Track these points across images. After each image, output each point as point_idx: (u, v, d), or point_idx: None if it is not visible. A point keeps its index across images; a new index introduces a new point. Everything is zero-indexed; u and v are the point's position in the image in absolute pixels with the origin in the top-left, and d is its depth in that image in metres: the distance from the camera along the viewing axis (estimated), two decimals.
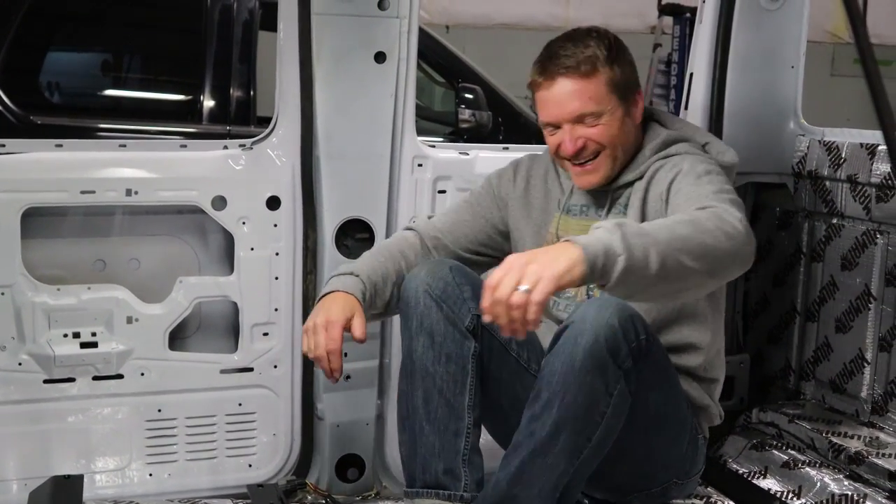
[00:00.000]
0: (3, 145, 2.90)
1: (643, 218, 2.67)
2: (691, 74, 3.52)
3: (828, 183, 3.56)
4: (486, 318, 2.20)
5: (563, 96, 2.67)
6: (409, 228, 2.98)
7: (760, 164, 3.66)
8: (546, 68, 2.69)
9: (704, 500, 3.17)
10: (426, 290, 2.65)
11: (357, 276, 2.74)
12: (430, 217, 3.03)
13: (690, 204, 2.48)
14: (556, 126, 2.71)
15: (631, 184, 2.76)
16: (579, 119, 2.67)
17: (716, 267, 2.32)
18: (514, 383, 2.69)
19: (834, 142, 3.53)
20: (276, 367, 3.15)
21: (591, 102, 2.66)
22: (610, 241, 2.16)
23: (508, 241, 2.95)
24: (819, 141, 3.58)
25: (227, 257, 3.13)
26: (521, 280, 2.13)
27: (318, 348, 2.60)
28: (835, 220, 3.56)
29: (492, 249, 2.94)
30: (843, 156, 3.49)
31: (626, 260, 2.15)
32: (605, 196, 2.79)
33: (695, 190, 2.55)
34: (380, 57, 3.04)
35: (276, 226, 3.07)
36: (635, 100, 2.74)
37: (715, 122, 3.47)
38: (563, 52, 2.67)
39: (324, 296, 2.72)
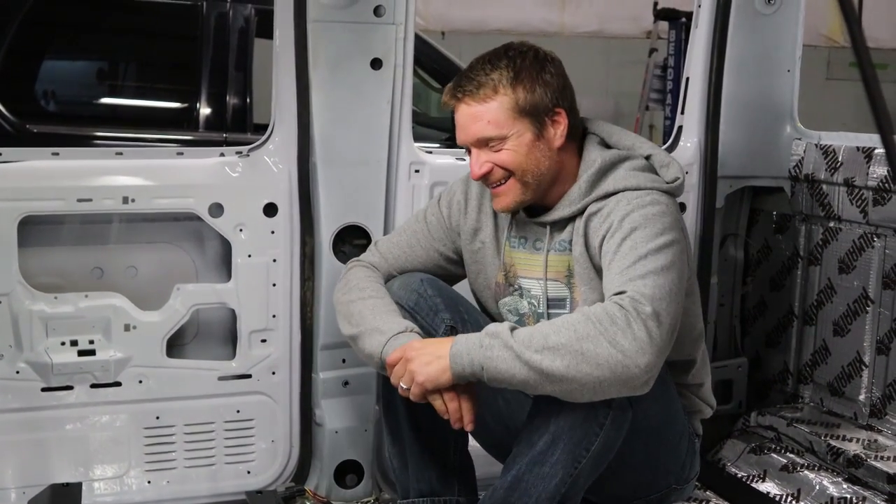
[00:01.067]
0: (0, 154, 2.90)
1: (591, 263, 2.58)
2: (687, 79, 3.52)
3: (825, 186, 3.56)
4: None
5: (464, 120, 2.57)
6: (362, 263, 2.83)
7: (757, 168, 3.66)
8: (451, 92, 2.59)
9: (704, 503, 3.17)
10: (398, 302, 2.65)
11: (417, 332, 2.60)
12: (375, 243, 2.89)
13: (609, 286, 2.39)
14: (468, 149, 2.62)
15: (571, 219, 2.62)
16: (482, 143, 2.56)
17: (593, 391, 2.28)
18: (495, 396, 2.69)
19: (830, 145, 3.54)
20: (274, 373, 3.14)
21: (491, 127, 2.53)
22: (475, 356, 2.32)
23: (461, 266, 2.86)
24: (816, 144, 3.59)
25: (224, 264, 3.13)
26: (403, 376, 2.40)
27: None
28: (832, 224, 3.57)
29: (445, 276, 2.84)
30: (840, 159, 3.49)
31: (487, 373, 2.32)
32: (542, 229, 2.67)
33: (617, 263, 2.41)
34: (376, 63, 3.04)
35: (273, 232, 3.07)
36: (554, 121, 2.57)
37: (711, 126, 3.47)
38: (468, 74, 2.57)
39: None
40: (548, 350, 2.25)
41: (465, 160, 3.21)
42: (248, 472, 3.18)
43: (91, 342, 2.98)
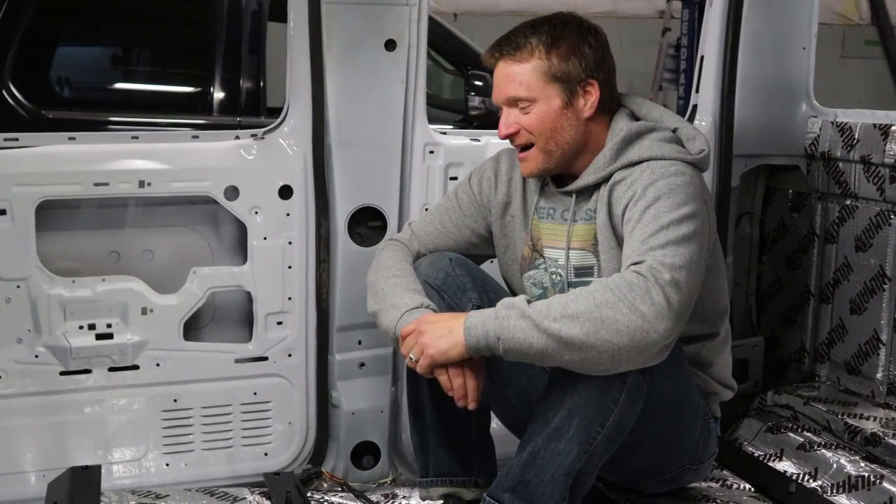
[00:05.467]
0: (17, 139, 2.91)
1: (613, 232, 2.60)
2: (702, 57, 3.50)
3: (841, 164, 3.55)
4: None
5: (500, 79, 2.64)
6: (394, 241, 2.86)
7: (773, 147, 3.65)
8: (491, 51, 2.66)
9: (721, 482, 3.18)
10: (426, 281, 2.67)
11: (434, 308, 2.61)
12: (410, 222, 2.92)
13: (629, 254, 2.40)
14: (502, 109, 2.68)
15: (597, 187, 2.64)
16: (512, 103, 2.63)
17: (611, 359, 2.29)
18: (519, 374, 2.69)
19: (847, 123, 3.52)
20: (290, 355, 3.16)
21: (521, 88, 2.60)
22: (491, 327, 2.34)
23: (491, 244, 2.88)
24: (832, 122, 3.57)
25: (240, 247, 3.14)
26: (413, 348, 2.42)
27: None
28: (848, 202, 3.55)
29: (476, 254, 2.88)
30: (857, 137, 3.48)
31: (504, 343, 2.32)
32: (568, 199, 2.70)
33: (638, 231, 2.42)
34: (390, 45, 3.04)
35: (288, 215, 3.07)
36: (586, 91, 2.61)
37: (726, 104, 3.45)
38: (510, 35, 2.64)
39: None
40: (566, 318, 2.26)
41: (479, 141, 3.24)
42: (266, 455, 3.20)
43: (109, 326, 2.99)
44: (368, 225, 3.14)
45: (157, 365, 3.05)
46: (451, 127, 5.38)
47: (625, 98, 2.75)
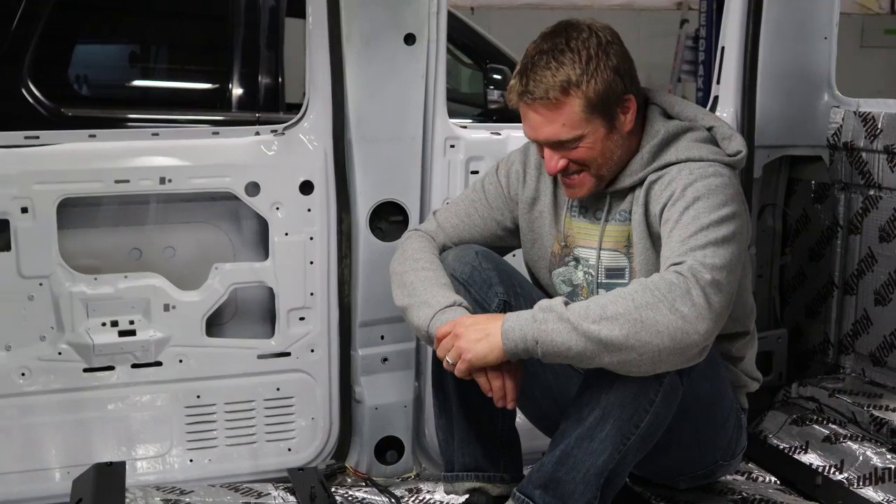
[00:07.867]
0: (38, 137, 2.92)
1: (649, 231, 2.57)
2: (723, 48, 3.48)
3: (864, 154, 3.52)
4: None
5: (537, 123, 2.51)
6: (419, 232, 2.82)
7: (795, 137, 3.63)
8: (519, 94, 2.50)
9: (746, 475, 3.16)
10: (451, 274, 2.65)
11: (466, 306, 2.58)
12: (434, 212, 2.89)
13: (669, 255, 2.37)
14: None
15: (631, 189, 2.60)
16: (557, 145, 2.52)
17: (651, 361, 2.27)
18: (544, 370, 2.68)
19: (869, 112, 3.50)
20: (313, 351, 3.15)
21: (566, 129, 2.48)
22: (529, 331, 2.31)
23: (517, 237, 2.84)
24: (854, 112, 3.55)
25: (261, 243, 3.14)
26: (450, 351, 2.39)
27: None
28: (872, 192, 3.53)
29: (502, 247, 2.85)
30: (880, 126, 3.45)
31: (542, 347, 2.30)
32: (602, 199, 2.65)
33: (678, 232, 2.39)
34: (409, 39, 3.03)
35: (309, 210, 3.07)
36: (624, 108, 2.52)
37: (748, 95, 3.43)
38: (533, 75, 2.46)
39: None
40: (606, 320, 2.24)
41: (499, 134, 3.23)
42: (289, 450, 3.20)
43: (131, 322, 3.00)
44: (390, 220, 3.13)
45: (180, 361, 3.06)
46: (470, 121, 5.38)
47: (653, 94, 2.68)
